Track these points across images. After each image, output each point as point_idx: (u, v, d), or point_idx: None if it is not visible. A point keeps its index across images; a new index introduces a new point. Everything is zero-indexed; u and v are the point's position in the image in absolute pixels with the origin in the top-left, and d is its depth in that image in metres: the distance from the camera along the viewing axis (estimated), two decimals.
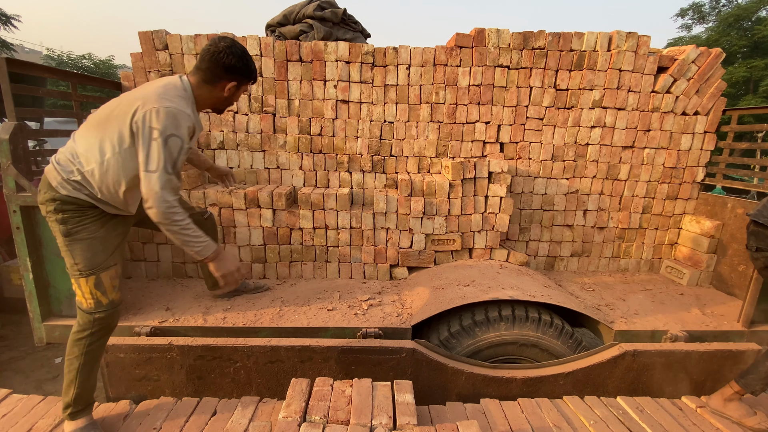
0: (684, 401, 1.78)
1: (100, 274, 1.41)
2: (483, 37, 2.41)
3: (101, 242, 1.43)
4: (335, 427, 1.28)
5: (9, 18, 11.66)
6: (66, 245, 1.39)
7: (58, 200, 1.37)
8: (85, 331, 1.41)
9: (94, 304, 1.41)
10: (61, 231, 1.38)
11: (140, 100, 1.33)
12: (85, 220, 1.41)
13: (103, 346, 1.49)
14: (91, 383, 1.47)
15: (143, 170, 1.32)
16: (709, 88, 2.54)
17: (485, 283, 2.11)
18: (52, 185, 1.38)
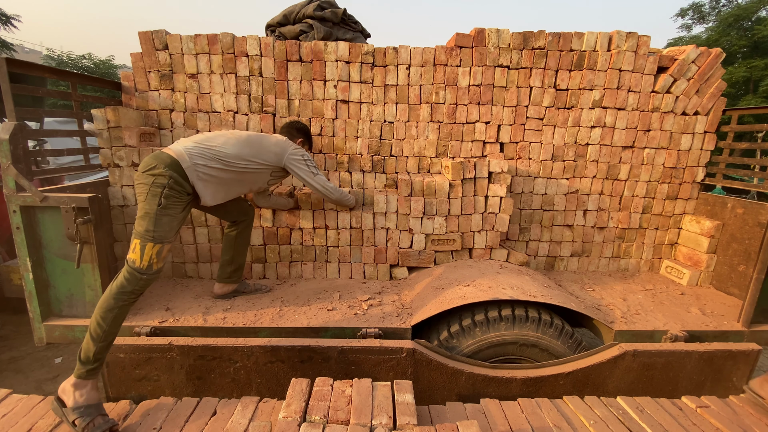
0: (684, 401, 1.78)
1: (165, 245, 1.65)
2: (483, 37, 2.41)
3: (178, 221, 1.71)
4: (335, 427, 1.28)
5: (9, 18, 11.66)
6: (156, 214, 1.63)
7: (174, 179, 1.67)
8: (129, 286, 1.57)
9: (147, 266, 1.60)
10: (160, 202, 1.64)
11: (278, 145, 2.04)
12: (179, 201, 1.71)
13: (131, 306, 1.63)
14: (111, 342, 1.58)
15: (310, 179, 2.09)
16: (709, 88, 2.54)
17: (485, 283, 2.11)
18: (180, 165, 1.70)
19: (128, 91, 2.43)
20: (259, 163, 1.96)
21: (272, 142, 2.02)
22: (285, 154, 2.03)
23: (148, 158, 1.71)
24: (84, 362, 1.51)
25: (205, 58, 2.38)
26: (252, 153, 1.92)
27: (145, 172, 1.67)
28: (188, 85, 2.42)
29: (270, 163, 1.99)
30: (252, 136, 2.00)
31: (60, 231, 1.89)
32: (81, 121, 2.36)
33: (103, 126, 2.25)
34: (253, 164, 1.93)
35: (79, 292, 1.98)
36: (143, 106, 2.43)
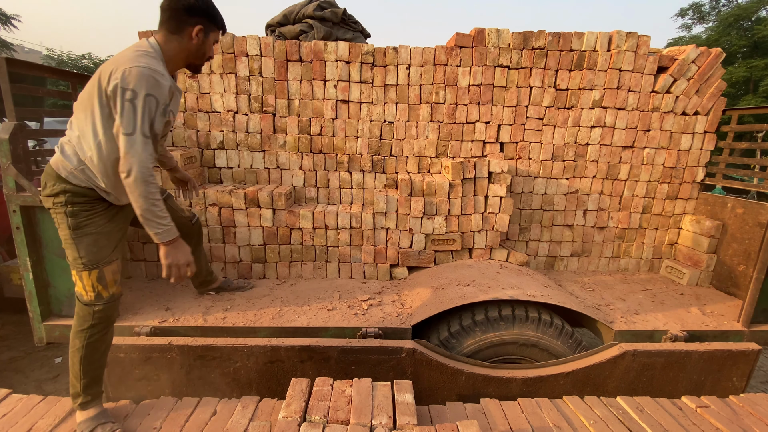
0: (684, 401, 1.77)
1: (103, 268, 1.43)
2: (483, 37, 2.41)
3: (107, 237, 1.45)
4: (335, 427, 1.28)
5: (9, 18, 11.66)
6: (72, 238, 1.40)
7: (69, 192, 1.38)
8: (86, 323, 1.43)
9: (95, 296, 1.43)
10: (70, 224, 1.39)
11: (112, 65, 1.29)
12: (94, 214, 1.43)
13: (104, 337, 1.49)
14: (98, 373, 1.49)
15: (121, 133, 1.27)
16: (709, 88, 2.54)
17: (485, 283, 2.11)
18: (61, 176, 1.38)
19: None
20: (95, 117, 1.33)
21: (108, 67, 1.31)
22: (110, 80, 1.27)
23: (42, 177, 1.43)
24: (74, 396, 1.46)
25: None
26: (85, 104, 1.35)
27: (45, 196, 1.41)
28: (188, 85, 2.42)
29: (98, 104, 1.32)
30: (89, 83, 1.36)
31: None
32: None
33: None
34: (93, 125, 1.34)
35: None
36: None
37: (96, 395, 1.50)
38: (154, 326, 1.89)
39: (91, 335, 1.44)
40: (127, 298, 2.16)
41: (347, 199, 2.63)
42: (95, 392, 1.49)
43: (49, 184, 1.40)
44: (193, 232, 2.00)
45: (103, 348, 1.51)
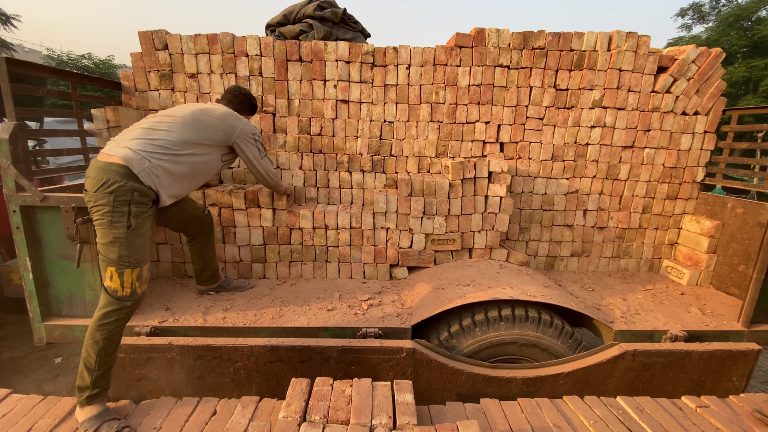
0: (684, 401, 1.77)
1: (143, 267, 1.54)
2: (483, 37, 2.41)
3: (150, 238, 1.59)
4: (335, 426, 1.28)
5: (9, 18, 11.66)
6: (126, 237, 1.47)
7: (137, 191, 1.49)
8: (113, 316, 1.48)
9: (131, 293, 1.51)
10: (130, 224, 1.47)
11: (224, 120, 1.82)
12: (147, 215, 1.55)
13: (122, 332, 1.55)
14: (110, 366, 1.53)
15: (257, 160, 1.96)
16: (709, 88, 2.54)
17: (485, 283, 2.11)
18: (133, 173, 1.48)
19: (128, 91, 2.43)
20: (208, 146, 1.76)
21: (218, 116, 1.79)
22: (235, 131, 1.83)
23: (95, 172, 1.48)
24: (82, 390, 1.47)
25: (205, 57, 2.38)
26: (199, 135, 1.71)
27: (101, 191, 1.45)
28: (188, 85, 2.42)
29: (219, 142, 1.80)
30: (196, 112, 1.75)
31: (60, 231, 1.89)
32: (81, 120, 2.35)
33: (103, 126, 2.24)
34: (202, 148, 1.73)
35: (79, 292, 1.98)
36: (143, 105, 2.43)
37: (104, 389, 1.52)
38: (154, 326, 1.89)
39: (114, 328, 1.49)
40: None
41: (347, 199, 2.63)
42: (104, 386, 1.52)
43: (113, 178, 1.45)
44: (205, 222, 2.14)
45: (118, 341, 1.56)
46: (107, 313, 1.49)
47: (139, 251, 1.51)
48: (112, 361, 1.54)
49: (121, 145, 1.56)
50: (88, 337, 1.48)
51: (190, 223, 2.07)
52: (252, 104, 2.07)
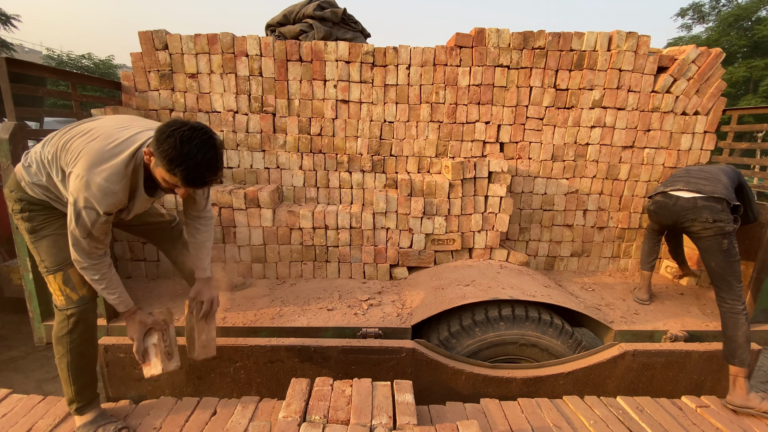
0: (684, 401, 1.78)
1: (67, 270, 1.39)
2: (483, 37, 2.41)
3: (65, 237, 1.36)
4: (335, 427, 1.28)
5: (9, 18, 11.66)
6: (32, 242, 1.40)
7: (25, 200, 1.40)
8: (63, 329, 1.40)
9: (65, 300, 1.40)
10: (27, 228, 1.40)
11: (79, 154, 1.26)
12: (51, 217, 1.43)
13: (88, 341, 1.46)
14: (89, 378, 1.47)
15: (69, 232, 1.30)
16: (709, 88, 2.54)
17: (485, 283, 2.11)
18: (20, 185, 1.40)
19: (128, 91, 2.43)
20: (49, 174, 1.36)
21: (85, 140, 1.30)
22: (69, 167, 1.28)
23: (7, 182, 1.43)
24: (69, 402, 1.46)
25: (205, 57, 2.38)
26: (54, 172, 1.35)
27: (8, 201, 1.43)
28: (188, 85, 2.42)
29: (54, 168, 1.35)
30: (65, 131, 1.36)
31: None
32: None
33: None
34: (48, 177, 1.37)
35: None
36: (143, 105, 2.43)
37: (91, 399, 1.48)
38: None
39: (71, 341, 1.40)
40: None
41: (347, 199, 2.63)
42: (89, 396, 1.47)
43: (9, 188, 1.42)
44: (173, 235, 1.97)
45: (90, 353, 1.47)
46: (57, 325, 1.41)
47: (51, 254, 1.39)
48: (90, 374, 1.47)
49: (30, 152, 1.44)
50: (55, 352, 1.42)
51: (154, 234, 1.93)
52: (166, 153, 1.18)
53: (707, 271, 2.00)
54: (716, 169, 2.12)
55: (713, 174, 2.07)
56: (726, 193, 1.94)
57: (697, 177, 2.08)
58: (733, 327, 1.83)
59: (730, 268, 1.88)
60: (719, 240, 1.89)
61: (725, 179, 2.03)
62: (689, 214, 1.97)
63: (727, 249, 1.88)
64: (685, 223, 2.00)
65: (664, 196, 2.13)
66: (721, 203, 1.91)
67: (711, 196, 1.94)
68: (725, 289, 1.89)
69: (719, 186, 1.98)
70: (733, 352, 1.81)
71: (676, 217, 2.04)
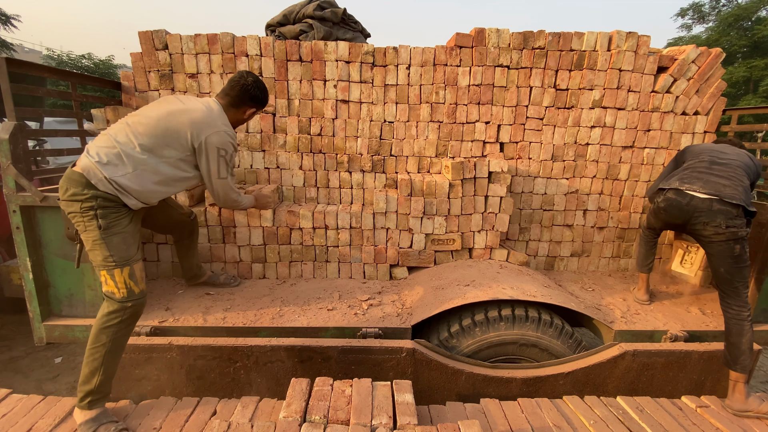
0: (684, 401, 1.78)
1: (133, 265, 1.54)
2: (483, 37, 2.41)
3: (132, 235, 1.58)
4: (336, 427, 1.28)
5: (9, 18, 11.66)
6: (102, 239, 1.49)
7: (100, 197, 1.50)
8: (116, 318, 1.48)
9: (127, 293, 1.51)
10: (100, 225, 1.49)
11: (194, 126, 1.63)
12: (120, 215, 1.55)
13: (128, 334, 1.56)
14: (114, 370, 1.53)
15: (216, 177, 1.73)
16: (709, 88, 2.54)
17: (485, 283, 2.11)
18: (91, 182, 1.49)
19: (128, 91, 2.43)
20: (172, 155, 1.62)
21: (187, 121, 1.61)
22: (199, 139, 1.63)
23: (62, 181, 1.52)
24: (85, 394, 1.47)
25: (205, 57, 2.38)
26: (161, 142, 1.59)
27: (65, 200, 1.51)
28: (188, 85, 2.42)
29: (183, 150, 1.64)
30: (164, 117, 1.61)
31: (60, 231, 1.89)
32: (81, 120, 2.35)
33: (103, 126, 2.25)
34: (165, 157, 1.61)
35: (79, 292, 1.98)
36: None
37: (105, 394, 1.52)
38: (154, 326, 1.89)
39: (118, 330, 1.50)
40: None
41: (347, 199, 2.63)
42: (106, 390, 1.52)
43: (74, 187, 1.49)
44: (192, 227, 2.16)
45: (124, 344, 1.56)
46: (110, 314, 1.49)
47: (120, 249, 1.51)
48: (116, 366, 1.53)
49: (86, 153, 1.54)
50: (93, 341, 1.48)
51: (175, 226, 2.09)
52: (253, 95, 1.79)
53: (714, 276, 1.91)
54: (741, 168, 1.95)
55: (737, 174, 1.91)
56: (744, 199, 1.82)
57: (719, 175, 1.91)
58: (738, 334, 1.78)
59: (739, 273, 1.80)
60: (731, 245, 1.80)
61: (746, 180, 1.91)
62: (702, 216, 1.85)
63: (739, 254, 1.80)
64: (697, 225, 1.89)
65: (677, 194, 1.96)
66: (737, 209, 1.80)
67: (729, 202, 1.81)
68: (732, 295, 1.82)
69: (739, 190, 1.84)
70: (735, 358, 1.77)
71: (688, 217, 1.91)
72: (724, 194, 1.82)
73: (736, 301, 1.81)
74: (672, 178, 2.04)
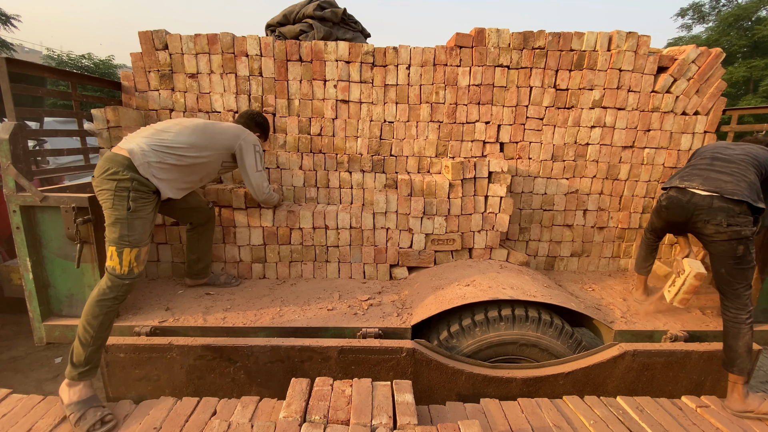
0: (684, 401, 1.78)
1: (141, 248, 1.67)
2: (483, 37, 2.41)
3: (150, 222, 1.73)
4: (336, 427, 1.28)
5: (9, 18, 11.66)
6: (126, 219, 1.62)
7: (137, 180, 1.65)
8: (111, 293, 1.59)
9: (128, 271, 1.63)
10: (129, 206, 1.63)
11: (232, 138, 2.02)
12: (148, 201, 1.70)
13: (117, 310, 1.65)
14: (103, 343, 1.61)
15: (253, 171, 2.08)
16: (709, 88, 2.54)
17: (485, 283, 2.11)
18: (134, 165, 1.65)
19: (128, 91, 2.43)
20: (212, 151, 1.94)
21: (224, 127, 2.03)
22: (239, 138, 2.03)
23: (103, 161, 1.67)
24: (75, 365, 1.54)
25: (205, 57, 2.38)
26: (205, 142, 1.91)
27: (103, 177, 1.63)
28: (188, 85, 2.42)
29: (222, 149, 1.99)
30: (204, 123, 1.97)
31: (60, 231, 1.89)
32: (81, 120, 2.35)
33: (103, 126, 2.24)
34: (206, 152, 1.92)
35: (79, 292, 1.98)
36: (143, 105, 2.43)
37: (95, 366, 1.58)
38: (154, 326, 1.89)
39: (111, 305, 1.59)
40: (127, 298, 2.16)
41: (347, 199, 2.63)
42: (96, 362, 1.58)
43: (115, 167, 1.63)
44: (209, 214, 2.25)
45: (113, 318, 1.64)
46: (106, 289, 1.59)
47: (138, 232, 1.65)
48: (106, 338, 1.62)
49: (131, 140, 1.74)
50: (86, 314, 1.56)
51: (193, 213, 2.19)
52: (258, 122, 2.23)
53: (714, 276, 1.85)
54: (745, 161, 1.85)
55: (740, 169, 1.82)
56: (748, 194, 1.72)
57: (720, 171, 1.83)
58: (734, 336, 1.75)
59: (741, 275, 1.74)
60: (733, 245, 1.72)
61: (752, 175, 1.79)
62: (702, 214, 1.78)
63: (742, 255, 1.71)
64: (698, 223, 1.82)
65: (678, 192, 1.90)
66: (740, 206, 1.71)
67: (730, 198, 1.72)
68: (731, 298, 1.77)
69: (742, 185, 1.74)
70: (732, 361, 1.74)
71: (689, 215, 1.84)
72: (724, 190, 1.74)
73: (734, 303, 1.77)
74: (674, 177, 1.99)
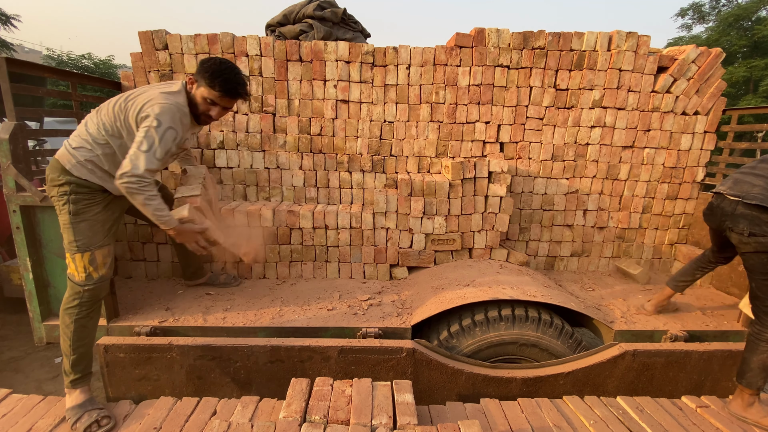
0: (684, 401, 1.78)
1: (95, 252, 1.59)
2: (483, 37, 2.41)
3: (101, 223, 1.62)
4: (336, 427, 1.28)
5: (9, 18, 11.66)
6: (71, 223, 1.56)
7: (74, 183, 1.57)
8: (74, 301, 1.56)
9: (86, 277, 1.57)
10: (70, 210, 1.56)
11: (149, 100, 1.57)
12: (92, 202, 1.61)
13: (91, 315, 1.61)
14: (86, 350, 1.60)
15: (136, 148, 1.51)
16: (709, 87, 2.54)
17: (485, 283, 2.11)
18: (65, 168, 1.56)
19: None
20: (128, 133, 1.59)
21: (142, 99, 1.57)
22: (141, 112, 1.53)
23: (47, 169, 1.61)
24: (66, 374, 1.56)
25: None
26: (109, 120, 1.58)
27: (48, 185, 1.61)
28: None
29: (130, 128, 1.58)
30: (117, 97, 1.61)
31: (60, 231, 1.88)
32: (81, 120, 2.35)
33: None
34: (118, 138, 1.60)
35: None
36: None
37: (84, 374, 1.58)
38: (154, 326, 1.89)
39: (79, 313, 1.56)
40: (127, 298, 2.16)
41: (347, 199, 2.63)
42: (83, 370, 1.58)
43: (52, 174, 1.58)
44: None
45: (91, 325, 1.62)
46: (69, 297, 1.57)
47: (86, 235, 1.57)
48: (88, 347, 1.61)
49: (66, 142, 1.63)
50: (60, 323, 1.58)
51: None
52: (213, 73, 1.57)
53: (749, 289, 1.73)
54: None
55: None
56: None
57: (757, 174, 1.68)
58: (751, 351, 1.67)
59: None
60: (762, 258, 1.59)
61: None
62: (728, 221, 1.66)
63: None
64: (725, 231, 1.70)
65: (714, 195, 1.78)
66: (765, 213, 1.56)
67: (754, 204, 1.57)
68: (758, 314, 1.66)
69: None
70: (743, 372, 1.69)
71: (718, 222, 1.73)
72: (748, 195, 1.59)
73: (761, 320, 1.65)
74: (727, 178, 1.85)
